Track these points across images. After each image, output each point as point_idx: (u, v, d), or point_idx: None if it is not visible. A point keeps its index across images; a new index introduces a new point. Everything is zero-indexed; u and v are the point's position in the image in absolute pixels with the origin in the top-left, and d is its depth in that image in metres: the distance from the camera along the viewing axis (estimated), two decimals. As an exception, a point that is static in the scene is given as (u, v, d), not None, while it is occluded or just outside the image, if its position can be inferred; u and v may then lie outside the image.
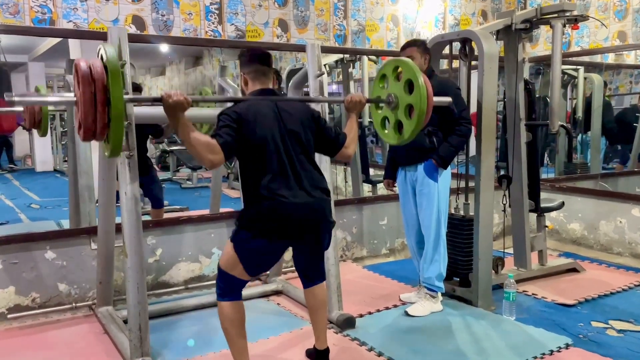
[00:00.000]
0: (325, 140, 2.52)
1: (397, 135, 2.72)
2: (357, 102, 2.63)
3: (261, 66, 2.45)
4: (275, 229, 2.29)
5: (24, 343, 3.03)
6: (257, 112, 2.31)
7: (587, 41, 4.99)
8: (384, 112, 2.78)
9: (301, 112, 2.46)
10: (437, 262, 3.36)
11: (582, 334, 3.10)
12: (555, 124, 3.56)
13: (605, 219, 4.76)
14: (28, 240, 3.38)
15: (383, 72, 2.78)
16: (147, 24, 3.59)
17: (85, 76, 2.00)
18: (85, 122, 2.03)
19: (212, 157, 2.15)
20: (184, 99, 2.12)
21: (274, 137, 2.31)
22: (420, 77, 2.53)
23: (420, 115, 2.54)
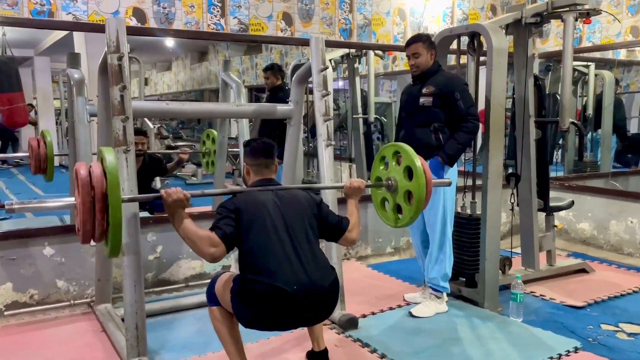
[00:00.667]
0: (328, 227, 2.45)
1: (397, 218, 2.69)
2: (357, 188, 2.59)
3: (265, 159, 2.43)
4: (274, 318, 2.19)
5: (20, 341, 2.98)
6: (256, 201, 2.28)
7: (599, 36, 4.88)
8: (384, 192, 2.75)
9: (302, 198, 2.40)
10: (443, 262, 3.28)
11: (592, 337, 3.01)
12: (565, 121, 3.46)
13: (616, 219, 4.66)
14: (26, 236, 3.33)
15: (382, 154, 2.76)
16: (148, 17, 3.52)
17: (84, 183, 2.00)
18: (84, 230, 2.04)
19: (212, 250, 2.13)
20: (183, 197, 2.17)
21: (274, 223, 2.24)
22: (419, 164, 2.49)
23: (419, 202, 2.51)
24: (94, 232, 2.06)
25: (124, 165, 2.58)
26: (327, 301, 2.29)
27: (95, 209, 2.02)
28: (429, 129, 3.20)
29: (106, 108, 2.97)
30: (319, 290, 2.22)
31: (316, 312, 2.28)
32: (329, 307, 2.33)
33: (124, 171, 2.57)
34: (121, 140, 2.58)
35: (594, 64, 5.85)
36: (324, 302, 2.28)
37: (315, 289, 2.20)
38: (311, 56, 3.23)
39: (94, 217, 2.03)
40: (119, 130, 2.58)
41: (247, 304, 2.20)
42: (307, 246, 2.28)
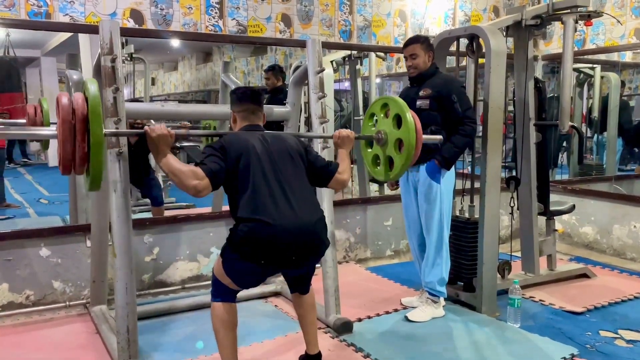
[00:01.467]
0: (316, 171, 2.46)
1: (387, 172, 2.73)
2: (345, 137, 2.61)
3: (252, 105, 2.43)
4: (262, 253, 2.20)
5: (14, 341, 2.99)
6: (243, 141, 2.29)
7: (603, 39, 4.82)
8: (375, 149, 2.78)
9: (289, 140, 2.43)
10: (439, 266, 3.25)
11: (590, 343, 2.96)
12: (565, 125, 3.42)
13: (619, 223, 4.59)
14: (22, 237, 3.34)
15: (371, 111, 2.78)
16: (146, 18, 3.52)
17: (65, 108, 2.00)
18: (63, 152, 2.02)
19: (195, 182, 2.10)
20: (167, 133, 2.15)
21: (260, 161, 2.25)
22: (408, 111, 2.54)
23: (409, 149, 2.54)
24: (74, 156, 2.02)
25: (116, 167, 2.57)
26: (314, 238, 2.29)
27: (75, 131, 2.00)
28: (426, 131, 3.16)
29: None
30: (306, 225, 2.24)
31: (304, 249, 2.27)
32: (317, 246, 2.32)
33: (116, 173, 2.57)
34: (114, 142, 2.57)
35: (599, 67, 5.78)
36: (311, 239, 2.28)
37: (302, 224, 2.23)
38: (307, 58, 3.21)
39: (74, 139, 2.00)
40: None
41: (234, 247, 2.22)
42: (295, 184, 2.30)
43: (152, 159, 5.18)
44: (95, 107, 2.03)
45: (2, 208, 6.49)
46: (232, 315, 2.36)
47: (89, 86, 2.08)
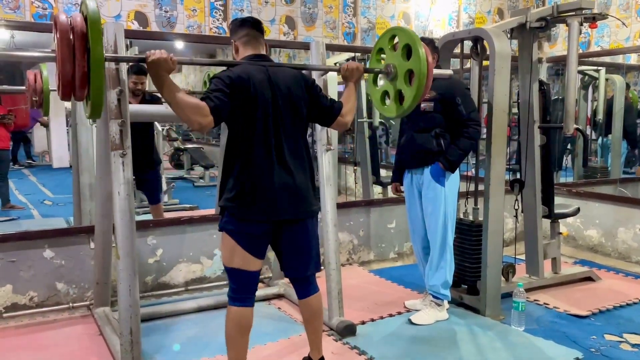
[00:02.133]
0: (319, 109, 2.41)
1: (398, 107, 2.62)
2: (354, 69, 2.52)
3: (252, 30, 2.35)
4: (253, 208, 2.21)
5: (17, 343, 2.99)
6: (250, 78, 2.21)
7: (608, 41, 4.80)
8: (384, 86, 2.68)
9: (294, 79, 2.34)
10: (443, 269, 3.23)
11: (594, 347, 2.95)
12: (570, 127, 3.40)
13: (624, 226, 4.57)
14: (26, 238, 3.34)
15: (379, 46, 2.68)
16: (150, 20, 3.53)
17: (64, 27, 1.92)
18: (63, 72, 1.93)
19: (200, 119, 2.06)
20: (167, 57, 2.04)
21: (265, 107, 2.22)
22: (418, 40, 2.44)
23: (420, 79, 2.43)
24: (74, 81, 1.95)
25: (119, 168, 2.57)
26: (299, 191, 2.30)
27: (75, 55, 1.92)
28: (430, 134, 3.16)
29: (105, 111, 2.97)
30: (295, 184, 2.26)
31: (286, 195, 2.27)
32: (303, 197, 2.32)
33: (119, 175, 2.57)
34: (117, 144, 2.57)
35: (604, 69, 5.76)
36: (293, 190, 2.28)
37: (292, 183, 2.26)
38: (311, 60, 3.21)
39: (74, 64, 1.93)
40: (115, 133, 2.57)
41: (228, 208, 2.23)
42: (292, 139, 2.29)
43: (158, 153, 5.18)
44: (95, 24, 1.93)
45: (7, 209, 6.51)
46: (248, 320, 2.34)
47: (89, 3, 1.98)
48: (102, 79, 1.98)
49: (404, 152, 3.36)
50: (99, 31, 1.95)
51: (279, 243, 2.40)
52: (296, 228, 2.36)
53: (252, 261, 2.29)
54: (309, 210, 2.37)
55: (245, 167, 2.22)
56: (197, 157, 9.56)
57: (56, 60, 1.98)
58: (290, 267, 2.47)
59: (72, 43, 1.92)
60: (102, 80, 1.99)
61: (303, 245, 2.41)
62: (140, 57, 2.06)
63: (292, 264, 2.45)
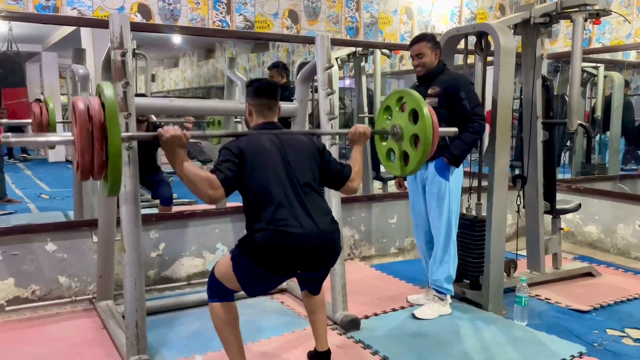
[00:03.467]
0: (330, 174, 2.44)
1: (403, 167, 2.68)
2: (362, 134, 2.57)
3: (267, 100, 2.39)
4: (279, 261, 2.18)
5: (21, 336, 2.98)
6: (259, 146, 2.26)
7: (609, 37, 4.82)
8: (389, 143, 2.74)
9: (305, 144, 2.39)
10: (447, 264, 3.24)
11: (597, 342, 2.97)
12: (573, 123, 3.41)
13: (624, 222, 4.60)
14: (28, 231, 3.32)
15: (387, 104, 2.74)
16: (154, 13, 3.50)
17: (82, 115, 1.97)
18: (82, 161, 1.99)
19: (211, 192, 2.08)
20: (180, 134, 2.10)
21: (276, 169, 2.23)
22: (425, 106, 2.49)
23: (425, 145, 2.50)
24: (93, 164, 2.00)
25: (126, 161, 2.55)
26: (330, 244, 2.28)
27: (93, 139, 1.97)
28: (434, 129, 3.16)
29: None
30: (320, 233, 2.22)
31: (317, 255, 2.26)
32: (333, 252, 2.32)
33: (126, 167, 2.55)
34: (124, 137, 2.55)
35: (603, 66, 5.78)
36: (327, 245, 2.27)
37: (319, 231, 2.21)
38: (316, 54, 3.20)
39: (92, 147, 1.98)
40: (121, 126, 2.55)
41: (248, 253, 2.19)
42: (309, 189, 2.28)
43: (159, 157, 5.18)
44: (113, 114, 2.00)
45: (3, 203, 6.47)
46: (233, 313, 2.34)
47: (105, 91, 2.04)
48: (120, 165, 2.04)
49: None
50: (116, 121, 2.01)
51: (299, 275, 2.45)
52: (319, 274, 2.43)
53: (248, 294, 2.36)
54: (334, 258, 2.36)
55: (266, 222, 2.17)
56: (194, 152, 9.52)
57: (74, 148, 2.04)
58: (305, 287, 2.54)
59: (91, 132, 1.97)
60: (120, 166, 2.04)
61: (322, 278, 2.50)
62: (154, 135, 2.15)
63: (310, 285, 2.52)
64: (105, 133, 1.99)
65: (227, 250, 3.87)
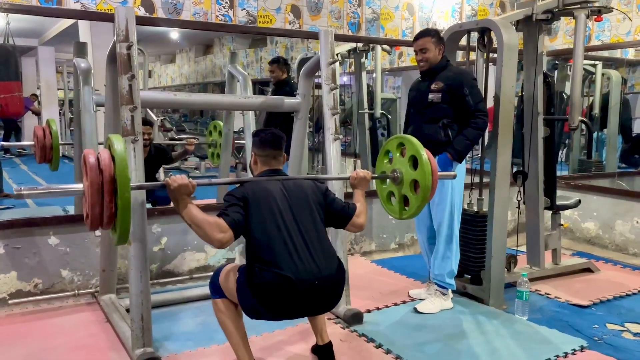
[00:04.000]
0: (334, 213, 2.45)
1: (403, 210, 2.70)
2: (362, 178, 2.61)
3: (272, 151, 2.43)
4: (282, 307, 2.19)
5: (25, 330, 2.98)
6: (263, 190, 2.28)
7: (608, 35, 4.84)
8: (389, 186, 2.76)
9: (309, 187, 2.41)
10: (449, 259, 3.27)
11: (597, 336, 3.00)
12: (575, 119, 3.44)
13: (622, 219, 4.64)
14: (31, 225, 3.32)
15: (387, 148, 2.76)
16: (157, 7, 3.50)
17: (93, 169, 2.00)
18: (92, 212, 2.03)
19: (220, 236, 2.10)
20: (188, 182, 2.13)
21: (281, 212, 2.25)
22: (424, 153, 2.52)
23: (425, 191, 2.52)
24: (102, 217, 2.04)
25: (131, 154, 2.56)
26: (333, 290, 2.30)
27: (103, 192, 2.01)
28: (437, 125, 3.17)
29: (114, 97, 2.95)
30: (325, 278, 2.23)
31: (322, 300, 2.28)
32: (335, 296, 2.33)
33: (131, 161, 2.55)
34: (129, 129, 2.56)
35: (601, 63, 5.82)
36: (330, 290, 2.28)
37: (322, 277, 2.21)
38: (320, 49, 3.20)
39: (102, 200, 2.02)
40: (126, 119, 2.56)
41: (253, 292, 2.19)
42: (314, 235, 2.29)
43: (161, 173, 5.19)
44: (122, 170, 2.02)
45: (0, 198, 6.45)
46: (235, 308, 2.36)
47: (115, 145, 2.06)
48: (129, 216, 2.06)
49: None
50: (126, 174, 2.04)
51: None
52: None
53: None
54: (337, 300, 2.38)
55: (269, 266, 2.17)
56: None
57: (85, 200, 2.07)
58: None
59: (101, 185, 2.01)
60: (129, 218, 2.06)
61: None
62: (162, 184, 2.21)
63: None
64: (115, 185, 2.03)
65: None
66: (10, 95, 5.14)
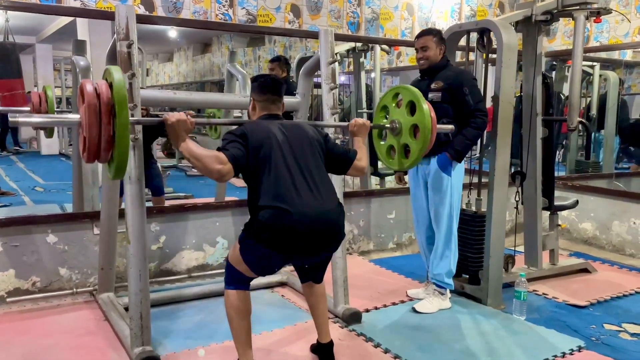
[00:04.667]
0: (335, 158, 2.47)
1: (404, 160, 2.73)
2: (362, 125, 2.63)
3: (272, 96, 2.43)
4: (282, 241, 2.20)
5: (23, 328, 2.97)
6: (264, 129, 2.29)
7: (607, 36, 4.86)
8: (389, 140, 2.79)
9: (308, 128, 2.43)
10: (448, 258, 3.27)
11: (595, 336, 3.01)
12: (574, 120, 3.45)
13: (619, 220, 4.65)
14: (29, 223, 3.31)
15: (383, 104, 2.79)
16: (156, 5, 3.49)
17: (90, 96, 1.97)
18: (89, 142, 2.00)
19: (219, 167, 2.10)
20: (185, 119, 2.14)
21: (281, 149, 2.25)
22: (421, 97, 2.56)
23: (425, 134, 2.55)
24: (100, 145, 2.01)
25: (131, 154, 2.55)
26: (334, 225, 2.31)
27: (101, 116, 1.98)
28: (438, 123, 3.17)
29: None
30: (326, 213, 2.25)
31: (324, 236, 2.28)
32: (337, 233, 2.33)
33: (131, 160, 2.55)
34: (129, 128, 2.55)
35: (599, 65, 5.84)
36: (331, 226, 2.29)
37: (323, 211, 2.24)
38: (320, 48, 3.21)
39: (100, 131, 1.99)
40: (127, 116, 2.55)
41: (255, 237, 2.21)
42: (316, 172, 2.31)
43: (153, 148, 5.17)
44: (120, 92, 2.01)
45: (-3, 195, 6.43)
46: (246, 303, 2.36)
47: (114, 73, 2.05)
48: (127, 144, 2.05)
49: (410, 142, 3.37)
50: (125, 101, 2.02)
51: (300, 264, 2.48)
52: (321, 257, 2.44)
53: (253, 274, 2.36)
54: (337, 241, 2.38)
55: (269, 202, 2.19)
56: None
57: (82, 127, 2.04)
58: (308, 278, 2.55)
59: (99, 111, 1.98)
60: (127, 144, 2.05)
61: (325, 264, 2.52)
62: (160, 120, 2.19)
63: (310, 275, 2.54)
64: (113, 114, 2.00)
65: (228, 244, 3.87)
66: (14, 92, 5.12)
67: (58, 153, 10.96)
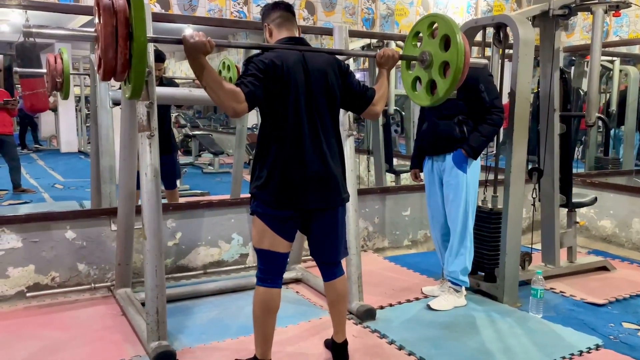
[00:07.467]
0: (352, 96, 2.41)
1: (429, 96, 2.56)
2: (390, 57, 2.47)
3: (285, 12, 2.35)
4: (283, 196, 2.22)
5: (42, 322, 3.02)
6: (284, 63, 2.19)
7: (626, 31, 4.78)
8: (416, 71, 2.61)
9: (329, 64, 2.33)
10: (463, 256, 3.25)
11: (613, 335, 2.97)
12: (592, 116, 3.40)
13: (639, 217, 4.58)
14: (48, 219, 3.36)
15: (417, 29, 2.61)
16: (172, 4, 3.52)
17: (106, 8, 1.88)
18: (105, 58, 1.91)
19: (235, 105, 2.06)
20: (206, 41, 2.00)
21: (299, 92, 2.22)
22: (459, 33, 2.37)
23: (456, 73, 2.37)
24: (116, 63, 1.94)
25: (147, 150, 2.58)
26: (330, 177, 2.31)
27: (117, 37, 1.90)
28: (452, 121, 3.16)
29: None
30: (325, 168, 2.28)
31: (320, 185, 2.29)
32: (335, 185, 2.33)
33: (147, 156, 2.58)
34: (145, 125, 2.58)
35: (619, 60, 5.75)
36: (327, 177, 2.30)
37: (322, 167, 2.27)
38: (334, 45, 3.20)
39: (117, 45, 1.91)
40: (142, 115, 2.58)
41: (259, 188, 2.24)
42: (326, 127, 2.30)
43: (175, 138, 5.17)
44: (139, 9, 1.90)
45: (18, 193, 6.55)
46: (275, 302, 2.35)
47: None
48: (144, 62, 1.98)
49: (425, 139, 3.36)
50: (142, 15, 1.92)
51: (309, 229, 2.42)
52: (327, 215, 2.38)
53: (280, 243, 2.31)
54: (340, 199, 2.38)
55: (277, 155, 2.22)
56: (206, 144, 9.58)
57: (98, 44, 1.96)
58: (320, 252, 2.50)
59: (115, 27, 1.89)
60: (144, 63, 1.98)
61: (333, 232, 2.44)
62: (178, 39, 2.03)
63: (321, 248, 2.48)
64: (130, 29, 1.91)
65: (243, 241, 3.90)
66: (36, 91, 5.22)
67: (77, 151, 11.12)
